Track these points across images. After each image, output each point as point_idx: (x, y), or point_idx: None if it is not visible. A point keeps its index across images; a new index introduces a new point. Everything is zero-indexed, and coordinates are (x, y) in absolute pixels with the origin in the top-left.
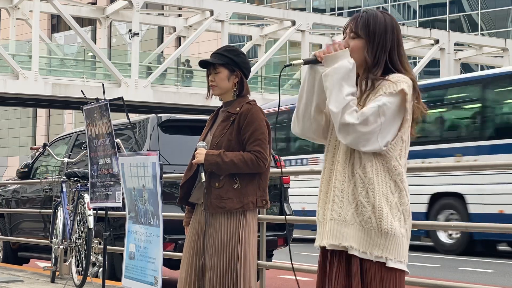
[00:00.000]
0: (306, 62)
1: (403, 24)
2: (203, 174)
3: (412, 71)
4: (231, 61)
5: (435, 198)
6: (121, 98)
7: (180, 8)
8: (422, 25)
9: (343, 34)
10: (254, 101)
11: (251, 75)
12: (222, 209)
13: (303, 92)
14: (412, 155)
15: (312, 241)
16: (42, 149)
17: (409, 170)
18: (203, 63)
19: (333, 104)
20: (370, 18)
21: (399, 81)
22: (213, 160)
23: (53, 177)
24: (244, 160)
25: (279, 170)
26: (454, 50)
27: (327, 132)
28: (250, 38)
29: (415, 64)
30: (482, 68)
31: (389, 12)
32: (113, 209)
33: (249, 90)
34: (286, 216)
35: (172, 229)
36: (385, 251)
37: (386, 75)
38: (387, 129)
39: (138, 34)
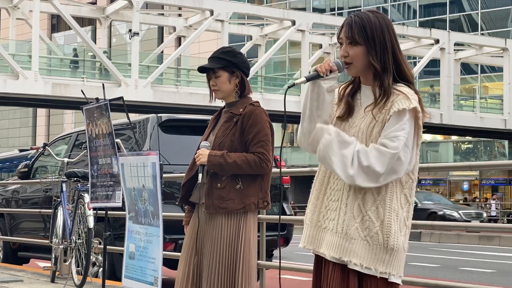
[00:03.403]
0: (309, 79)
1: (403, 24)
2: (200, 175)
3: (413, 77)
4: (229, 63)
5: None
6: (121, 98)
7: (180, 8)
8: (422, 25)
9: (338, 41)
10: (258, 102)
11: (251, 75)
12: (223, 210)
13: (306, 107)
14: None
15: None
16: (42, 149)
17: None
18: (202, 70)
19: (343, 174)
20: (365, 22)
21: (413, 98)
22: (216, 161)
23: (53, 177)
24: (248, 162)
25: (279, 170)
26: (454, 50)
27: None
28: (250, 38)
29: (415, 64)
30: (482, 68)
31: (384, 12)
32: (113, 209)
33: (251, 89)
34: (286, 216)
35: (172, 229)
36: (389, 267)
37: (394, 82)
38: (413, 154)
39: (138, 34)
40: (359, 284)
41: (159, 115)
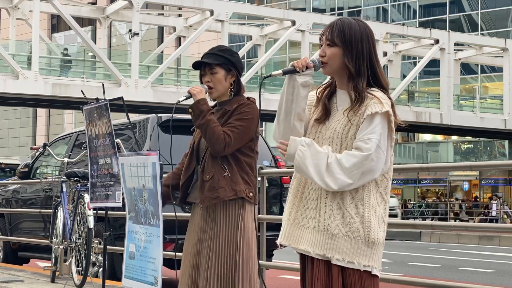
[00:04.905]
0: (285, 73)
1: (403, 24)
2: (183, 97)
3: (388, 85)
4: (227, 61)
5: None
6: (121, 98)
7: (180, 8)
8: (422, 25)
9: (320, 42)
10: (254, 99)
11: (251, 75)
12: (216, 199)
13: (282, 101)
14: None
15: None
16: (42, 149)
17: (408, 170)
18: (199, 64)
19: (320, 182)
20: (345, 26)
21: (385, 102)
22: (203, 108)
23: (53, 177)
24: (217, 132)
25: (278, 170)
26: (454, 50)
27: None
28: (250, 38)
29: (415, 64)
30: (482, 68)
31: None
32: (113, 209)
33: (244, 89)
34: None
35: (172, 229)
36: (371, 260)
37: (368, 86)
38: (387, 155)
39: (138, 34)
40: (343, 278)
41: (159, 115)
